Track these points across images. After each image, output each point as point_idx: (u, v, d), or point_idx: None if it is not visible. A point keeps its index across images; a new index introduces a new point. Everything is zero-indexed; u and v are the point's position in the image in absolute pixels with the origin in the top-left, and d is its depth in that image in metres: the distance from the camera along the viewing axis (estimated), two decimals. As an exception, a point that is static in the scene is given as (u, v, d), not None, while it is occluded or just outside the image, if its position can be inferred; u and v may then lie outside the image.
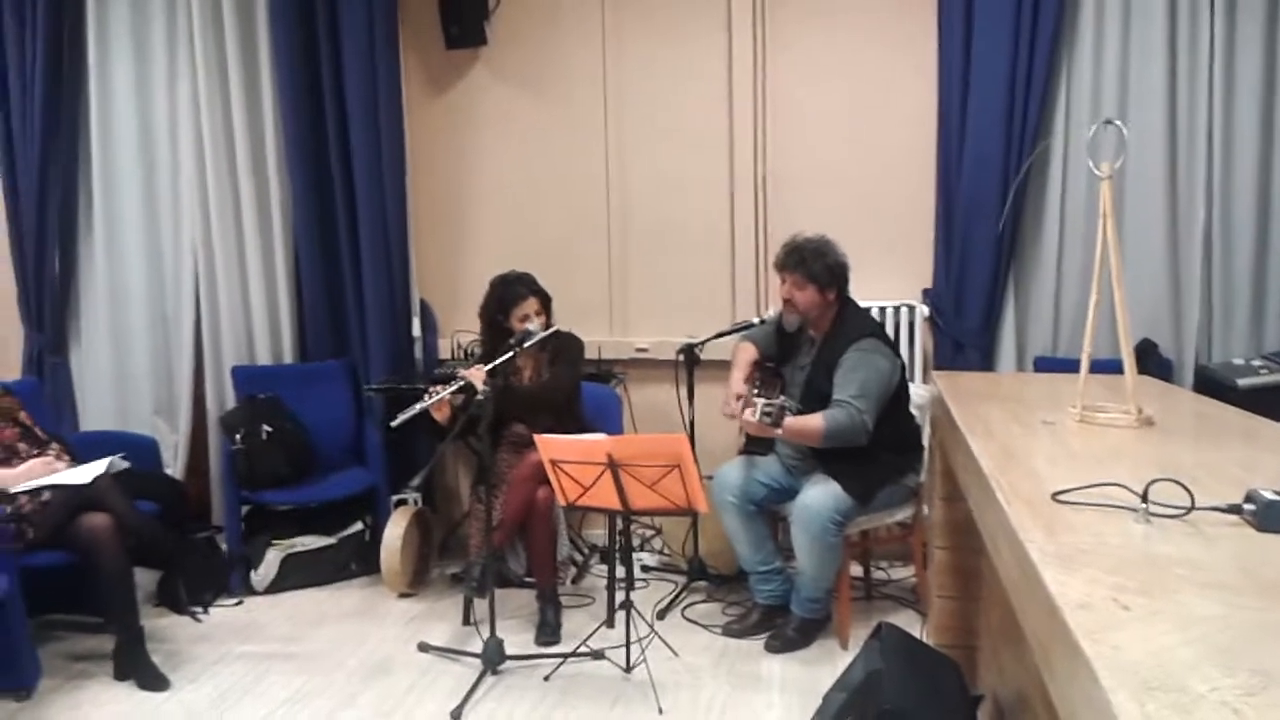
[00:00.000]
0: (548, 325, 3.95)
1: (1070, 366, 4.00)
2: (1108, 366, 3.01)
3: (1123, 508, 1.73)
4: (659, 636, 3.69)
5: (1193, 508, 1.69)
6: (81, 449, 4.00)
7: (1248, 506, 1.66)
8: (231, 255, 4.75)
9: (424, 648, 3.73)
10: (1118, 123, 2.60)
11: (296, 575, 4.40)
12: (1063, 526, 1.68)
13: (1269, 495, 1.65)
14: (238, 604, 4.24)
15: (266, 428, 4.38)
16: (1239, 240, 4.22)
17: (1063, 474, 1.99)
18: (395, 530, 4.27)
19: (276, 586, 4.36)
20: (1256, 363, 3.93)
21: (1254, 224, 4.19)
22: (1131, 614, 1.29)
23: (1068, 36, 4.24)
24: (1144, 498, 1.71)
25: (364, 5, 4.51)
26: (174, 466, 4.70)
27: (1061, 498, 1.81)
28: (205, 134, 4.65)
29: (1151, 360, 4.07)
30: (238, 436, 4.36)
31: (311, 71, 4.60)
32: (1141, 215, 4.24)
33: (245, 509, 4.46)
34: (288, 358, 4.85)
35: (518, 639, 3.72)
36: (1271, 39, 4.12)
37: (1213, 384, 3.86)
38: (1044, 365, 4.35)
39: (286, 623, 4.07)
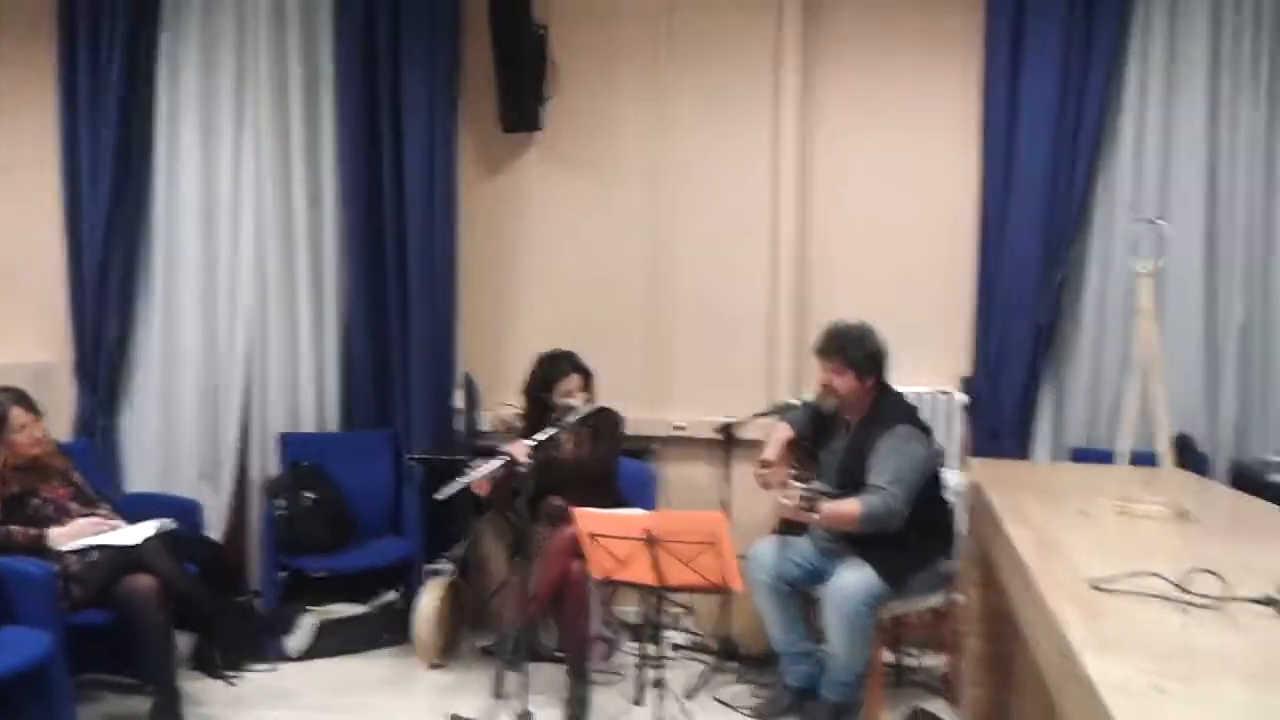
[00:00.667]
0: (590, 402, 4.02)
1: (1106, 458, 4.05)
2: (1144, 460, 3.03)
3: (1161, 597, 1.77)
4: (686, 718, 3.68)
5: (1229, 598, 1.73)
6: (127, 510, 4.08)
7: (1282, 599, 1.70)
8: (284, 325, 4.87)
9: (455, 719, 3.74)
10: (1159, 220, 2.67)
11: (330, 642, 4.43)
12: (1102, 613, 1.71)
13: (1305, 589, 1.68)
14: (271, 669, 4.27)
15: (309, 495, 4.46)
16: (1276, 337, 4.26)
17: (1100, 563, 2.03)
18: (430, 600, 4.31)
19: (310, 653, 4.38)
20: (1290, 459, 3.94)
21: (1291, 321, 4.24)
22: (1169, 698, 1.32)
23: (1109, 133, 4.33)
24: (1181, 588, 1.75)
25: (426, 87, 4.68)
26: (215, 530, 4.77)
27: (1100, 586, 1.84)
28: (267, 203, 4.81)
29: (1187, 454, 4.07)
30: (281, 502, 4.44)
31: (372, 147, 4.77)
32: (1179, 310, 4.28)
33: (283, 574, 4.52)
34: (332, 426, 4.94)
35: (546, 714, 3.71)
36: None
37: (1248, 479, 3.86)
38: (1080, 456, 4.36)
39: (319, 689, 4.10)
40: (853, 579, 3.55)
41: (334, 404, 4.96)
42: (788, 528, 3.93)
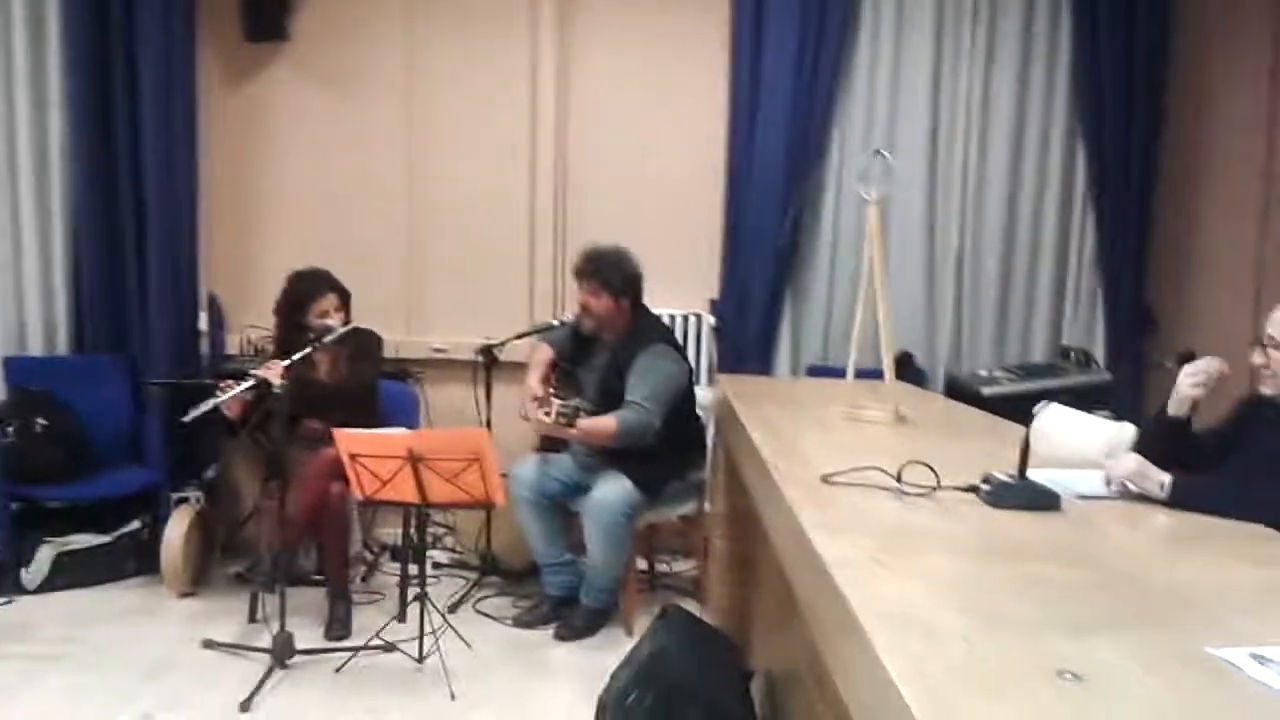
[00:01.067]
0: (346, 322, 3.96)
1: (839, 373, 4.39)
2: (871, 374, 3.33)
3: (881, 488, 1.99)
4: (452, 628, 3.76)
5: (938, 487, 1.96)
6: None
7: (984, 486, 1.95)
8: (5, 240, 4.50)
9: (209, 644, 3.66)
10: (886, 154, 2.91)
11: (70, 574, 4.21)
12: (829, 502, 1.91)
13: (1001, 477, 1.94)
14: (7, 603, 4.02)
15: (41, 420, 4.19)
16: (986, 264, 4.73)
17: (831, 461, 2.24)
18: (177, 529, 4.17)
19: (48, 585, 4.15)
20: (998, 373, 4.40)
21: (1000, 250, 4.73)
22: (885, 570, 1.52)
23: (845, 71, 4.63)
24: (898, 478, 1.98)
25: (159, -11, 4.39)
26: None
27: (830, 479, 2.05)
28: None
29: (909, 369, 4.48)
30: (9, 429, 4.14)
31: (102, 53, 4.41)
32: (902, 238, 4.67)
33: (15, 505, 4.24)
34: (62, 349, 4.63)
35: (307, 635, 3.69)
36: (1023, 80, 4.65)
37: (961, 391, 4.29)
38: (815, 372, 4.70)
39: (60, 622, 3.90)
40: (611, 491, 3.72)
41: (64, 326, 4.64)
42: (548, 445, 4.05)
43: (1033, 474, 1.96)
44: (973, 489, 1.96)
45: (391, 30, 4.77)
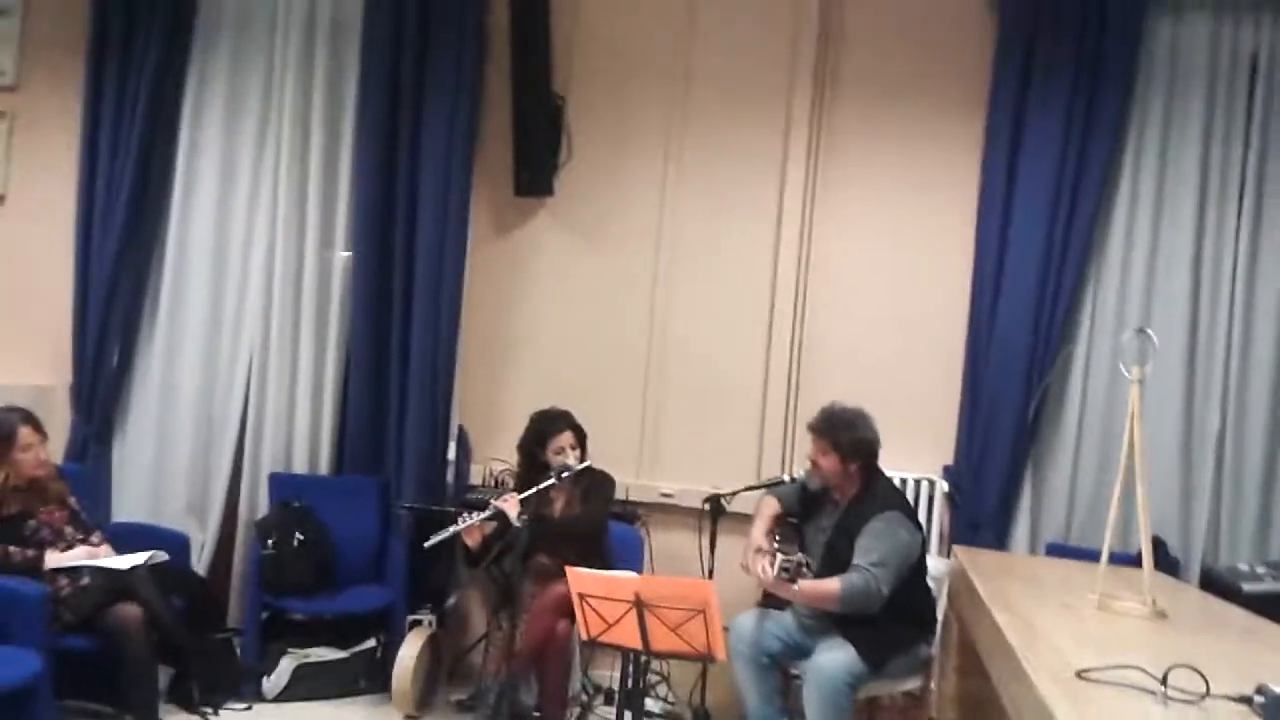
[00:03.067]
0: (582, 460, 4.10)
1: (1079, 554, 4.18)
2: (1119, 559, 3.15)
3: (1142, 690, 1.87)
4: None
5: (1207, 695, 1.83)
6: (115, 540, 4.12)
7: (1258, 698, 1.80)
8: (284, 367, 4.95)
9: (430, 771, 3.76)
10: (1149, 331, 2.81)
11: (307, 686, 4.44)
12: (1087, 701, 1.81)
13: (1277, 690, 1.79)
14: (247, 709, 4.27)
15: (299, 535, 4.50)
16: (1250, 448, 4.40)
17: (1085, 654, 2.13)
18: (410, 650, 4.33)
19: (286, 695, 4.40)
20: (1260, 570, 4.05)
21: (1266, 433, 4.39)
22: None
23: (1099, 241, 4.52)
24: (1163, 681, 1.85)
25: (444, 148, 4.81)
26: (200, 565, 4.79)
27: (1085, 675, 1.94)
28: (278, 245, 4.92)
29: (1160, 557, 4.19)
30: (270, 541, 4.47)
31: (387, 203, 4.89)
32: (1157, 417, 4.42)
33: (264, 614, 4.54)
34: (323, 469, 5.00)
35: (523, 770, 3.74)
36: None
37: (1217, 585, 3.96)
38: (1054, 551, 4.47)
39: (294, 732, 4.11)
40: (834, 658, 3.61)
41: (327, 447, 5.02)
42: (770, 601, 4.00)
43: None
44: (1246, 700, 1.81)
45: (646, 190, 5.04)
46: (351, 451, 4.98)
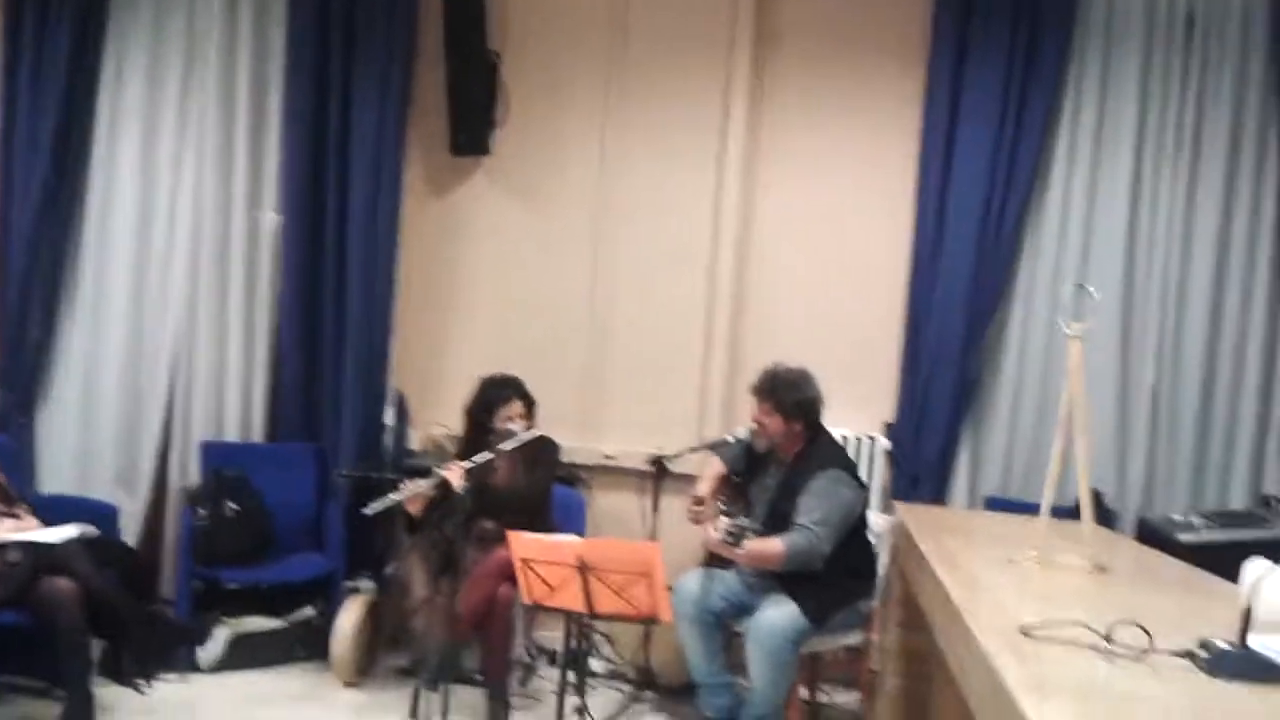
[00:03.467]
0: (530, 429, 4.04)
1: (1018, 508, 4.22)
2: (1056, 511, 3.16)
3: (1087, 645, 1.87)
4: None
5: (1151, 649, 1.83)
6: (43, 512, 3.99)
7: (1201, 653, 1.80)
8: (213, 332, 4.80)
9: (371, 738, 3.72)
10: (1089, 287, 2.81)
11: (243, 655, 4.36)
12: (1032, 657, 1.80)
13: (1221, 645, 1.79)
14: (182, 680, 4.18)
15: (232, 505, 4.40)
16: (1184, 399, 4.49)
17: (1027, 609, 2.13)
18: (349, 618, 4.27)
19: (222, 665, 4.31)
20: (1195, 520, 4.12)
21: (1199, 385, 4.48)
22: (1102, 740, 1.41)
23: (1037, 199, 4.55)
24: (1107, 637, 1.85)
25: (377, 106, 4.69)
26: (130, 536, 4.66)
27: (1029, 631, 1.94)
28: (205, 206, 4.75)
29: (1096, 509, 4.23)
30: (203, 511, 4.36)
31: (317, 162, 4.76)
32: (1093, 371, 4.45)
33: (197, 584, 4.43)
34: (257, 436, 4.88)
35: (467, 736, 3.71)
36: (1227, 214, 4.45)
37: (1154, 536, 4.02)
38: (993, 505, 4.52)
39: (230, 702, 4.03)
40: (778, 614, 3.63)
41: (260, 414, 4.90)
42: (714, 561, 4.00)
43: (1252, 640, 1.81)
44: (1189, 655, 1.82)
45: (584, 147, 4.96)
46: (286, 418, 4.87)
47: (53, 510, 4.04)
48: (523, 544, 3.43)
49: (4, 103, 4.69)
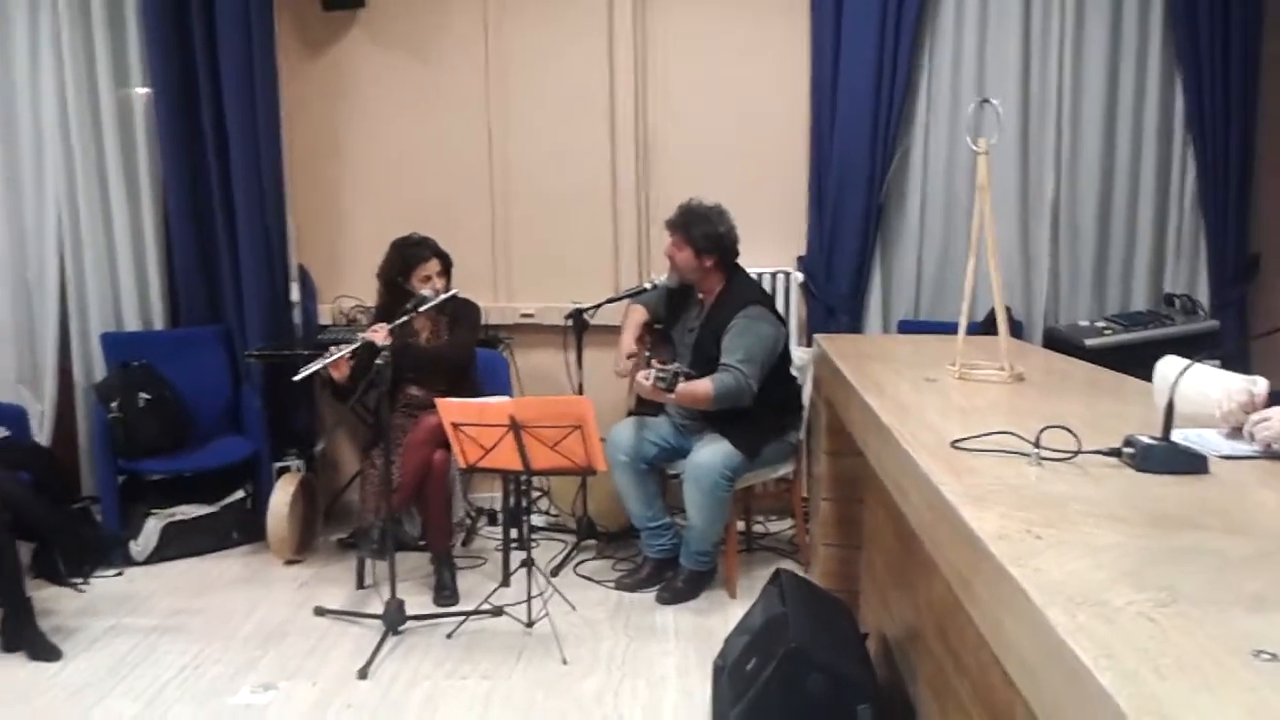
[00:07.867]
0: (448, 288, 3.97)
1: (928, 328, 4.33)
2: (969, 330, 3.23)
3: (1016, 453, 1.94)
4: (558, 592, 3.81)
5: (1079, 452, 1.91)
6: (-56, 420, 3.85)
7: (1127, 450, 1.88)
8: (97, 217, 4.58)
9: (320, 611, 3.74)
10: (994, 102, 2.81)
11: (177, 544, 4.34)
12: (966, 470, 1.87)
13: (1146, 440, 1.88)
14: (118, 575, 4.16)
15: (144, 395, 4.28)
16: (1084, 208, 4.59)
17: (955, 424, 2.20)
18: (282, 496, 4.25)
19: (157, 556, 4.29)
20: (1100, 324, 4.28)
21: (1098, 194, 4.57)
22: (1044, 543, 1.47)
23: (931, 14, 4.50)
24: (1036, 444, 1.92)
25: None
26: (41, 435, 4.52)
27: (960, 445, 2.00)
28: (69, 91, 4.45)
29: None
30: (113, 405, 4.24)
31: (182, 28, 4.46)
32: (995, 186, 4.50)
33: (121, 478, 4.36)
34: (158, 324, 4.72)
35: (415, 600, 3.75)
36: (1116, 22, 4.47)
37: (1061, 344, 4.18)
38: (906, 327, 4.62)
39: (172, 593, 4.01)
40: (711, 453, 3.71)
41: (158, 301, 4.73)
42: (644, 408, 4.05)
43: (1175, 434, 1.90)
44: (1115, 453, 1.90)
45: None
46: (186, 303, 4.70)
47: (-45, 417, 3.89)
48: (451, 409, 3.41)
49: None
